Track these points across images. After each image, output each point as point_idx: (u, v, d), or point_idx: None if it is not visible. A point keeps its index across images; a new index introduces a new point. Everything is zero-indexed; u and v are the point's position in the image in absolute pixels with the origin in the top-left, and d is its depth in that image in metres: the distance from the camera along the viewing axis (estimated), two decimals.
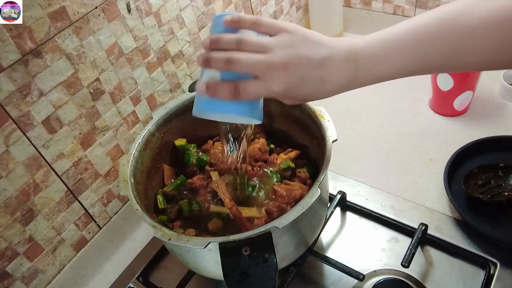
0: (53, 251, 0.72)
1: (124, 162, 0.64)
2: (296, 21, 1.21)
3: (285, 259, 0.63)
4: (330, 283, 0.69)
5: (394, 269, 0.68)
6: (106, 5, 0.68)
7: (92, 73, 0.69)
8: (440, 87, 0.87)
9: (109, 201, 0.80)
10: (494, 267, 0.66)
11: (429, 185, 0.80)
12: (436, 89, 0.89)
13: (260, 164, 0.72)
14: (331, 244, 0.75)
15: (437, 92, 0.89)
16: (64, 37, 0.64)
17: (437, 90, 0.88)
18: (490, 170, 0.77)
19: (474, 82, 0.86)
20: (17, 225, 0.65)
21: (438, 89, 0.88)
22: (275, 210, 0.64)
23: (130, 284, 0.75)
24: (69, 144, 0.69)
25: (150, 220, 0.56)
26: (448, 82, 0.85)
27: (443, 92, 0.87)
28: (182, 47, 0.85)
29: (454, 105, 0.89)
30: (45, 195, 0.68)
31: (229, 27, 0.47)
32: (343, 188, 0.80)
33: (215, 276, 0.63)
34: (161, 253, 0.78)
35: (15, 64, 0.59)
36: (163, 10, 0.78)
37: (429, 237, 0.71)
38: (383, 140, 0.91)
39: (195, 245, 0.52)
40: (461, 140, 0.82)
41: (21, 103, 0.61)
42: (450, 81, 0.84)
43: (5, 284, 0.66)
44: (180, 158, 0.75)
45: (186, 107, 0.74)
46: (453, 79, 0.84)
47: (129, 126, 0.79)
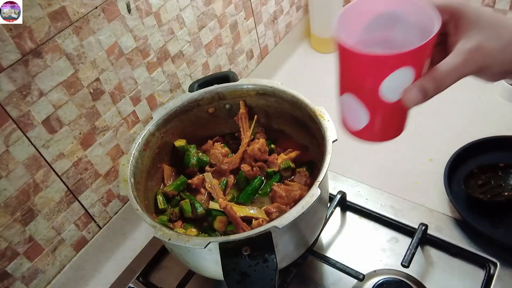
0: (53, 251, 0.72)
1: (124, 162, 0.64)
2: (296, 21, 1.21)
3: (285, 259, 0.63)
4: (330, 283, 0.69)
5: (394, 269, 0.68)
6: (106, 5, 0.68)
7: (92, 73, 0.69)
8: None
9: (109, 201, 0.80)
10: (494, 267, 0.66)
11: (429, 185, 0.80)
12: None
13: (260, 164, 0.72)
14: (331, 244, 0.75)
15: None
16: (64, 37, 0.64)
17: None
18: (490, 170, 0.77)
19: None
20: (17, 225, 0.65)
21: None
22: (274, 211, 0.64)
23: (130, 284, 0.75)
24: (69, 144, 0.69)
25: (150, 220, 0.57)
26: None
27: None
28: (182, 47, 0.85)
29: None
30: (45, 195, 0.68)
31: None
32: (343, 188, 0.80)
33: (215, 276, 0.63)
34: (161, 253, 0.78)
35: (15, 64, 0.59)
36: (163, 10, 0.78)
37: (429, 237, 0.71)
38: None
39: (195, 245, 0.52)
40: (461, 140, 0.82)
41: (21, 103, 0.61)
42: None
43: (5, 284, 0.66)
44: (180, 158, 0.76)
45: (186, 107, 0.74)
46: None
47: (129, 126, 0.79)
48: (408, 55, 0.36)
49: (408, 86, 0.39)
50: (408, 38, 0.42)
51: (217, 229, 0.65)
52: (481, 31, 0.39)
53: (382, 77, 0.38)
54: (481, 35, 0.39)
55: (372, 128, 0.43)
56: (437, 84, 0.38)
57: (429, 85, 0.38)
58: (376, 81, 0.38)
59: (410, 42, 0.41)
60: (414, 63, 0.37)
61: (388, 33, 0.43)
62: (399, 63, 0.37)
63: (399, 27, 0.42)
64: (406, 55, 0.36)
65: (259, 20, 1.05)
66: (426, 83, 0.38)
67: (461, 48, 0.39)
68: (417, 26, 0.41)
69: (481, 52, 0.39)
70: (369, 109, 0.41)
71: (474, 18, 0.39)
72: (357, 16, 0.42)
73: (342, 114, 0.45)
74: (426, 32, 0.39)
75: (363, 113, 0.41)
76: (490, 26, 0.39)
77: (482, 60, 0.39)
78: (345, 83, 0.42)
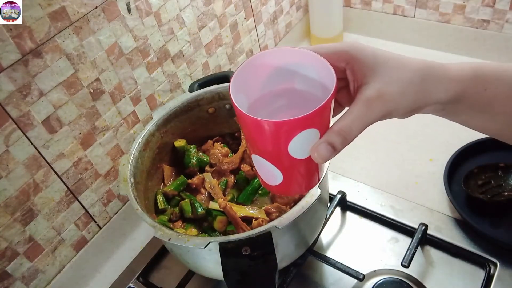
0: (53, 251, 0.72)
1: (124, 162, 0.64)
2: (296, 21, 1.21)
3: (285, 259, 0.63)
4: (330, 283, 0.69)
5: (394, 269, 0.68)
6: (106, 5, 0.68)
7: (92, 73, 0.69)
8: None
9: (109, 201, 0.80)
10: (494, 267, 0.66)
11: (429, 185, 0.80)
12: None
13: None
14: (331, 244, 0.75)
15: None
16: (64, 37, 0.64)
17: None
18: (490, 170, 0.77)
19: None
20: (17, 225, 0.65)
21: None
22: (274, 211, 0.64)
23: (130, 284, 0.75)
24: (69, 144, 0.69)
25: (150, 220, 0.57)
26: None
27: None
28: (182, 47, 0.85)
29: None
30: (45, 195, 0.68)
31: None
32: (343, 188, 0.80)
33: (215, 276, 0.63)
34: (161, 253, 0.78)
35: (15, 64, 0.59)
36: (163, 10, 0.78)
37: (429, 237, 0.71)
38: (383, 140, 0.91)
39: (195, 245, 0.52)
40: (461, 140, 0.82)
41: (21, 103, 0.61)
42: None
43: (5, 284, 0.66)
44: (180, 158, 0.75)
45: (186, 107, 0.74)
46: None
47: (129, 126, 0.79)
48: (308, 118, 0.35)
49: (315, 144, 0.37)
50: (310, 88, 0.41)
51: (217, 229, 0.65)
52: (379, 76, 0.38)
53: (288, 141, 0.37)
54: (379, 80, 0.38)
55: (290, 184, 0.42)
56: (343, 138, 0.37)
57: (335, 140, 0.37)
58: (282, 144, 0.37)
59: (314, 91, 0.40)
60: (316, 124, 0.36)
61: (290, 84, 0.42)
62: (302, 126, 0.36)
63: (299, 78, 0.41)
64: (307, 118, 0.35)
65: (259, 20, 1.05)
66: (332, 138, 0.37)
67: (362, 97, 0.38)
68: (316, 77, 0.40)
69: (382, 99, 0.37)
70: (281, 168, 0.40)
71: (370, 63, 0.38)
72: (254, 72, 0.40)
73: (256, 171, 0.44)
74: (324, 83, 0.38)
75: (276, 171, 0.41)
76: (388, 70, 0.38)
77: (385, 107, 0.37)
78: (252, 146, 0.41)
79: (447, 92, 0.39)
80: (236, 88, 0.38)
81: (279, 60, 0.41)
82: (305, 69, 0.40)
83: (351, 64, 0.39)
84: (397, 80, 0.38)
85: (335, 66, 0.38)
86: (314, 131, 0.37)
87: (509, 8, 0.98)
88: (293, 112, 0.40)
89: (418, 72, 0.38)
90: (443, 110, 0.42)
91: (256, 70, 0.40)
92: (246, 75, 0.40)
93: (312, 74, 0.40)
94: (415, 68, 0.39)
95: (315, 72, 0.40)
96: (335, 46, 0.39)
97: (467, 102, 0.40)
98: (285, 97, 0.43)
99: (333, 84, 0.36)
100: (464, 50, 1.08)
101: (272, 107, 0.43)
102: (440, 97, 0.39)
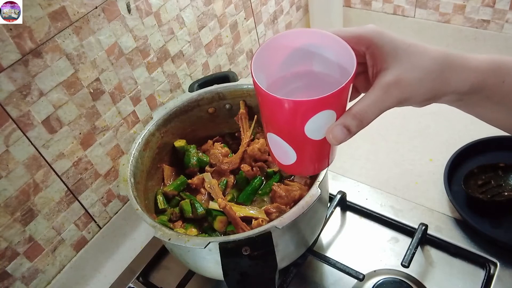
0: (53, 251, 0.72)
1: (124, 162, 0.64)
2: (296, 21, 1.21)
3: (285, 259, 0.63)
4: (330, 283, 0.69)
5: (394, 269, 0.68)
6: (106, 5, 0.68)
7: (92, 73, 0.69)
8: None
9: (109, 201, 0.80)
10: (494, 267, 0.66)
11: (429, 185, 0.80)
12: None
13: (260, 164, 0.72)
14: (331, 244, 0.75)
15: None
16: (64, 37, 0.64)
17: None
18: (490, 170, 0.77)
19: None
20: (17, 225, 0.65)
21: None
22: (274, 211, 0.64)
23: (130, 284, 0.75)
24: (69, 144, 0.69)
25: (150, 220, 0.57)
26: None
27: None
28: (182, 47, 0.85)
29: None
30: (45, 195, 0.68)
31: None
32: (343, 188, 0.80)
33: (215, 276, 0.63)
34: (161, 253, 0.78)
35: (15, 64, 0.59)
36: (163, 10, 0.78)
37: (429, 237, 0.71)
38: (383, 140, 0.91)
39: (195, 245, 0.52)
40: (461, 140, 0.82)
41: (21, 103, 0.61)
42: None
43: (5, 284, 0.66)
44: (180, 158, 0.75)
45: (186, 107, 0.74)
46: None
47: (129, 126, 0.79)
48: (326, 99, 0.35)
49: (331, 125, 0.38)
50: (329, 70, 0.41)
51: (217, 229, 0.65)
52: (399, 62, 0.38)
53: (304, 121, 0.37)
54: (398, 66, 0.38)
55: (302, 164, 0.43)
56: (359, 121, 0.37)
57: (351, 123, 0.37)
58: (298, 124, 0.38)
59: (332, 74, 0.40)
60: (333, 106, 0.37)
61: (308, 66, 0.42)
62: (320, 107, 0.36)
63: (317, 60, 0.42)
64: (325, 100, 0.35)
65: (259, 20, 1.05)
66: (348, 121, 0.37)
67: (380, 82, 0.38)
68: (335, 60, 0.40)
69: (400, 85, 0.38)
70: (295, 148, 0.41)
71: (390, 49, 0.38)
72: (274, 53, 0.41)
73: (271, 150, 0.45)
74: (343, 66, 0.38)
75: (290, 150, 0.41)
76: (408, 56, 0.38)
77: (402, 93, 0.38)
78: (268, 124, 0.42)
79: (466, 82, 0.39)
80: (257, 67, 0.39)
81: (299, 41, 0.41)
82: (324, 50, 0.41)
83: (372, 49, 0.39)
84: (416, 67, 0.38)
85: (355, 49, 0.38)
86: (331, 113, 0.37)
87: (509, 8, 0.98)
88: (310, 93, 0.40)
89: (438, 60, 0.39)
90: (460, 100, 0.42)
91: (276, 51, 0.41)
92: (266, 55, 0.40)
93: (331, 56, 0.41)
94: (434, 56, 0.39)
95: (334, 54, 0.40)
96: (356, 30, 0.39)
97: (484, 94, 0.41)
98: (303, 78, 0.43)
99: (353, 67, 0.36)
100: (464, 50, 1.08)
101: (289, 87, 0.43)
102: (458, 87, 0.40)
